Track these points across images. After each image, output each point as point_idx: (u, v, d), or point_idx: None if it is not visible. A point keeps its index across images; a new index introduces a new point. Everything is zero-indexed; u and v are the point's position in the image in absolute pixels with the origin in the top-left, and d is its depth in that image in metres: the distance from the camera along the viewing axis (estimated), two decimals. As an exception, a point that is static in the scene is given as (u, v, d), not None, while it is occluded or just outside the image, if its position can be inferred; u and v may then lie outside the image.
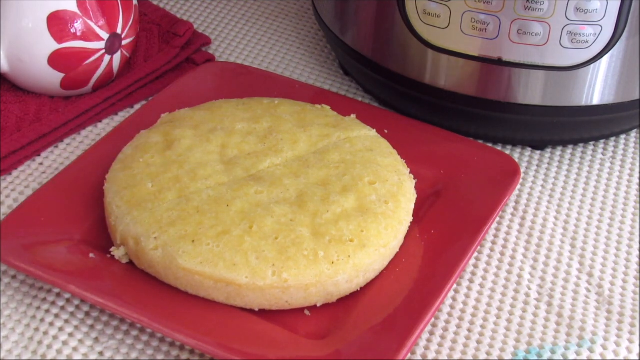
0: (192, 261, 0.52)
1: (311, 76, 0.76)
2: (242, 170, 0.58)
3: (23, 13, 0.65)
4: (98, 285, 0.52)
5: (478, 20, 0.60)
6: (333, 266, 0.52)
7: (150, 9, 0.79)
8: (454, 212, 0.59)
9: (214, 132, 0.61)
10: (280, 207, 0.55)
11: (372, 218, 0.55)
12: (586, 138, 0.69)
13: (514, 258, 0.59)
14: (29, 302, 0.55)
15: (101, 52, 0.67)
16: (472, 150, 0.64)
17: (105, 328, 0.53)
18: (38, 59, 0.66)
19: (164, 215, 0.54)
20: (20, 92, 0.69)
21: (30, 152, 0.65)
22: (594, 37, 0.59)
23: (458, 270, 0.54)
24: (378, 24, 0.65)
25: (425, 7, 0.61)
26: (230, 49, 0.78)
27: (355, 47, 0.68)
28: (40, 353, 0.52)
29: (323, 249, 0.53)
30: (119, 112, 0.70)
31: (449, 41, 0.62)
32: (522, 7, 0.58)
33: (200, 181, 0.57)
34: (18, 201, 0.61)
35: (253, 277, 0.51)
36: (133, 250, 0.54)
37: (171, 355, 0.52)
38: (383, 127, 0.64)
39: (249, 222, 0.54)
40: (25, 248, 0.54)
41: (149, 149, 0.59)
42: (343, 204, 0.55)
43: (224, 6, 0.84)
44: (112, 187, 0.57)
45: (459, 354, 0.53)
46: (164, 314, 0.51)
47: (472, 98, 0.64)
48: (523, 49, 0.60)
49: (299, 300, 0.52)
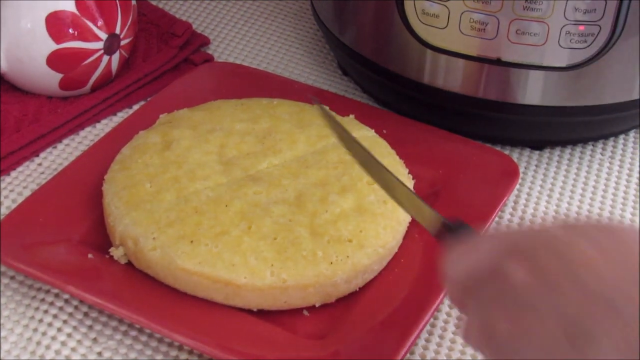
0: (191, 261, 0.52)
1: (310, 76, 0.75)
2: (240, 171, 0.58)
3: (22, 13, 0.65)
4: (96, 286, 0.52)
5: (477, 21, 0.60)
6: (332, 266, 0.52)
7: (149, 9, 0.79)
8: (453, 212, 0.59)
9: (213, 133, 0.61)
10: (279, 208, 0.55)
11: (371, 218, 0.55)
12: (585, 138, 0.69)
13: (513, 258, 0.59)
14: (28, 303, 0.55)
15: (100, 52, 0.67)
16: (470, 151, 0.64)
17: (103, 328, 0.53)
18: (36, 59, 0.66)
19: (163, 216, 0.54)
20: (19, 92, 0.69)
21: (29, 152, 0.65)
22: (593, 37, 0.59)
23: (457, 271, 0.54)
24: (377, 24, 0.65)
25: (423, 7, 0.61)
26: (229, 49, 0.78)
27: (354, 47, 0.68)
28: (38, 353, 0.52)
29: (322, 249, 0.53)
30: (117, 113, 0.70)
31: (447, 41, 0.62)
32: (520, 7, 0.58)
33: (198, 181, 0.56)
34: (17, 202, 0.61)
35: (252, 278, 0.51)
36: (132, 250, 0.54)
37: (170, 356, 0.52)
38: (382, 127, 0.64)
39: (247, 223, 0.54)
40: (24, 248, 0.54)
41: (148, 150, 0.59)
42: (342, 205, 0.55)
43: (223, 6, 0.84)
44: (111, 187, 0.57)
45: (457, 354, 0.53)
46: (163, 315, 0.51)
47: (471, 98, 0.64)
48: (522, 49, 0.60)
49: (297, 301, 0.52)
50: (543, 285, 0.35)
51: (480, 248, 0.40)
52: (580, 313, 0.34)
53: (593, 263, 0.35)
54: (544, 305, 0.35)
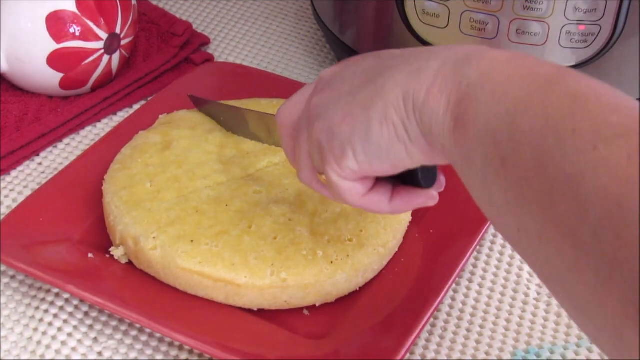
0: (191, 261, 0.52)
1: (310, 76, 0.75)
2: (240, 170, 0.58)
3: (22, 13, 0.65)
4: (97, 285, 0.52)
5: (477, 20, 0.60)
6: (332, 266, 0.52)
7: (149, 8, 0.79)
8: (453, 211, 0.59)
9: (212, 133, 0.61)
10: (279, 207, 0.55)
11: (371, 218, 0.55)
12: (585, 138, 0.69)
13: (513, 258, 0.59)
14: (28, 302, 0.55)
15: (100, 52, 0.67)
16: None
17: (104, 328, 0.53)
18: (37, 58, 0.66)
19: (163, 215, 0.54)
20: (19, 92, 0.69)
21: (29, 152, 0.65)
22: (593, 36, 0.59)
23: (457, 270, 0.54)
24: (377, 24, 0.65)
25: (424, 7, 0.61)
26: (229, 49, 0.78)
27: (354, 46, 0.68)
28: (39, 353, 0.52)
29: (322, 248, 0.53)
30: (118, 112, 0.70)
31: (448, 41, 0.61)
32: (521, 7, 0.58)
33: (198, 181, 0.57)
34: (17, 201, 0.61)
35: (252, 277, 0.51)
36: (132, 250, 0.54)
37: (170, 355, 0.52)
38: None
39: (247, 222, 0.54)
40: (24, 248, 0.54)
41: (148, 149, 0.59)
42: (342, 204, 0.55)
43: (223, 6, 0.84)
44: (111, 187, 0.57)
45: (457, 353, 0.53)
46: (163, 314, 0.51)
47: (471, 98, 0.64)
48: (522, 48, 0.60)
49: (297, 300, 0.52)
50: (346, 65, 0.45)
51: (297, 96, 0.47)
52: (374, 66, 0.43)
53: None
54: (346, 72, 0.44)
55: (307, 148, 0.45)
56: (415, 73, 0.40)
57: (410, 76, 0.40)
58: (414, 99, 0.39)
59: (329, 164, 0.43)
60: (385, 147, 0.41)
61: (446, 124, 0.38)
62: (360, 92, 0.42)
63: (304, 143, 0.45)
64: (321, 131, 0.43)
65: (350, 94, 0.42)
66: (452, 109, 0.38)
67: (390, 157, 0.41)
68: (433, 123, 0.39)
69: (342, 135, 0.42)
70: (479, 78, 0.37)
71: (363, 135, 0.41)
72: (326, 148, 0.43)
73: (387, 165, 0.41)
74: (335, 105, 0.43)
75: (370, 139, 0.41)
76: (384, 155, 0.41)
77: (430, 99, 0.38)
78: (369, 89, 0.41)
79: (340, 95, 0.43)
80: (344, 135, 0.42)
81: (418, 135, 0.40)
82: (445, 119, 0.38)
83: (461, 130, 0.37)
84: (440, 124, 0.38)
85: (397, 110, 0.40)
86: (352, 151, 0.42)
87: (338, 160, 0.43)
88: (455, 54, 0.39)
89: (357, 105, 0.41)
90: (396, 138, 0.40)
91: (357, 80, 0.43)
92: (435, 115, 0.38)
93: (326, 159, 0.43)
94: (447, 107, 0.38)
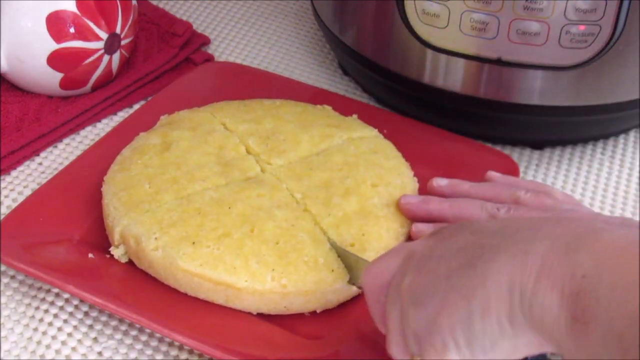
0: (192, 263, 0.51)
1: (310, 76, 0.75)
2: (239, 172, 0.58)
3: (22, 13, 0.65)
4: (97, 286, 0.52)
5: (477, 20, 0.60)
6: (333, 274, 0.52)
7: (149, 8, 0.79)
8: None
9: (212, 134, 0.61)
10: (282, 211, 0.55)
11: (374, 221, 0.55)
12: (585, 138, 0.69)
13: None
14: (28, 302, 0.55)
15: (100, 52, 0.67)
16: (471, 150, 0.64)
17: (104, 328, 0.53)
18: (37, 58, 0.66)
19: (165, 216, 0.54)
20: (20, 92, 0.69)
21: (29, 152, 0.65)
22: (593, 36, 0.59)
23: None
24: (377, 24, 0.65)
25: (424, 7, 0.61)
26: (229, 49, 0.78)
27: (354, 47, 0.68)
28: (39, 353, 0.52)
29: (323, 255, 0.52)
30: (118, 112, 0.70)
31: (448, 41, 0.61)
32: (521, 7, 0.58)
33: (197, 182, 0.56)
34: (17, 201, 0.61)
35: (252, 281, 0.51)
36: (133, 249, 0.54)
37: (170, 355, 0.52)
38: (382, 127, 0.64)
39: (250, 226, 0.53)
40: (24, 248, 0.54)
41: (147, 151, 0.59)
42: (345, 208, 0.55)
43: (223, 6, 0.84)
44: (110, 188, 0.57)
45: (457, 354, 0.53)
46: (163, 314, 0.51)
47: (471, 98, 0.64)
48: (522, 48, 0.60)
49: (297, 306, 0.52)
50: (440, 240, 0.41)
51: (386, 259, 0.44)
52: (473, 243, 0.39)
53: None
54: (441, 248, 0.41)
55: (399, 328, 0.42)
56: (521, 258, 0.36)
57: (515, 262, 0.36)
58: (522, 290, 0.36)
59: (429, 355, 0.40)
60: (489, 342, 0.38)
61: (562, 320, 0.35)
62: (459, 279, 0.38)
63: (396, 321, 0.42)
64: (418, 321, 0.40)
65: (448, 280, 0.39)
66: (568, 304, 0.34)
67: (495, 351, 0.38)
68: (545, 317, 0.35)
69: (442, 329, 0.39)
70: (595, 269, 0.34)
71: (465, 328, 0.38)
72: (425, 339, 0.40)
73: (491, 357, 0.39)
74: (433, 294, 0.39)
75: (474, 333, 0.38)
76: (488, 350, 0.38)
77: (540, 290, 0.35)
78: (468, 275, 0.38)
79: (437, 280, 0.39)
80: (444, 328, 0.39)
81: (525, 329, 0.37)
82: (560, 315, 0.35)
83: (581, 329, 0.34)
84: (555, 319, 0.35)
85: (502, 301, 0.37)
86: (454, 345, 0.39)
87: (439, 353, 0.39)
88: (563, 235, 0.36)
89: (456, 295, 0.38)
90: (500, 333, 0.37)
91: (455, 262, 0.39)
92: (548, 310, 0.35)
93: (426, 351, 0.40)
94: (561, 300, 0.35)
